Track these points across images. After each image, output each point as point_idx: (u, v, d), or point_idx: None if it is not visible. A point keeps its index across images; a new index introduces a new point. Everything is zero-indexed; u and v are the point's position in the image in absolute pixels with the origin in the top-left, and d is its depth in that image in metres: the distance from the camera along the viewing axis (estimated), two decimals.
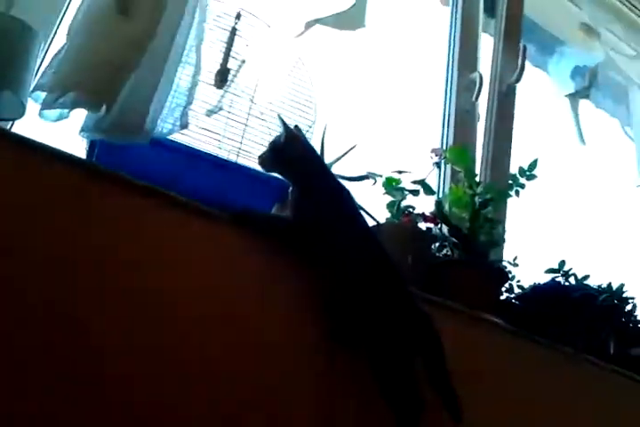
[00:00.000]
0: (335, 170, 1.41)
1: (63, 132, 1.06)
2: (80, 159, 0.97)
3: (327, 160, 1.42)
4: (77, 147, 1.09)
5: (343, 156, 1.45)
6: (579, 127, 2.20)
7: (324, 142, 1.44)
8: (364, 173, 1.47)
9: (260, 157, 1.19)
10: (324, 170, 1.19)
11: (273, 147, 1.17)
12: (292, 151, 1.14)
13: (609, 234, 2.17)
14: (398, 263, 1.11)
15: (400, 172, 1.51)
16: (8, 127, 1.13)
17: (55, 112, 1.01)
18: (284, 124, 1.17)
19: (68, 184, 0.94)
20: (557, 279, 1.57)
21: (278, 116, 1.21)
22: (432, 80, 2.00)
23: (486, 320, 1.36)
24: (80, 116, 1.05)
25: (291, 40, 1.55)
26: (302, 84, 1.42)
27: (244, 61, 1.39)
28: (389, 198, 1.48)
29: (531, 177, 1.55)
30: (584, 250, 1.93)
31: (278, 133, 1.20)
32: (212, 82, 1.32)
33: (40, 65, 1.15)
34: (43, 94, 1.00)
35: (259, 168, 1.22)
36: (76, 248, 0.92)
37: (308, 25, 1.76)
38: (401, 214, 1.46)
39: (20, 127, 1.07)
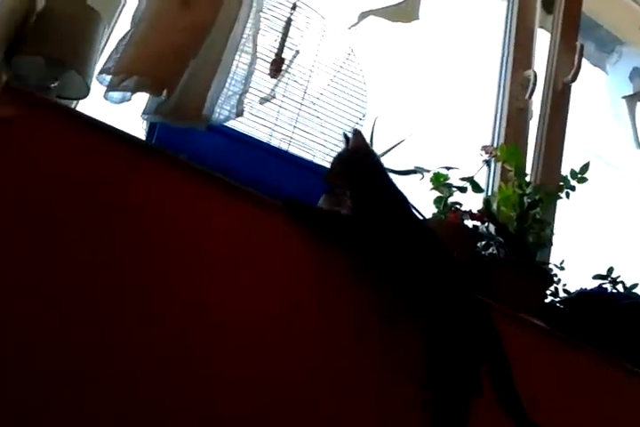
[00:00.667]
0: (384, 162, 1.41)
1: (125, 114, 1.09)
2: (139, 140, 1.00)
3: (377, 152, 1.42)
4: (137, 129, 1.12)
5: (392, 148, 1.44)
6: (635, 130, 2.13)
7: (373, 134, 1.44)
8: (412, 168, 1.46)
9: (330, 172, 1.13)
10: (391, 183, 1.14)
11: (346, 161, 1.12)
12: (366, 165, 1.11)
13: None
14: (462, 267, 1.09)
15: (448, 168, 1.49)
16: (73, 106, 1.16)
17: (119, 94, 1.04)
18: (361, 137, 1.14)
19: (126, 163, 0.97)
20: (604, 286, 1.54)
21: (355, 130, 1.17)
22: (486, 76, 1.96)
23: (528, 322, 1.34)
24: (142, 99, 1.07)
25: (344, 31, 1.54)
26: (354, 76, 1.41)
27: (298, 52, 1.40)
28: (436, 194, 1.47)
29: (582, 180, 1.52)
30: (634, 258, 1.88)
31: (345, 147, 1.16)
32: (267, 71, 1.33)
33: (103, 48, 1.18)
34: (108, 77, 1.03)
35: (308, 157, 1.22)
36: (128, 228, 0.95)
37: (362, 16, 1.74)
38: (447, 211, 1.45)
39: (85, 107, 1.11)
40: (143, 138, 1.10)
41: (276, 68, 1.34)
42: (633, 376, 1.45)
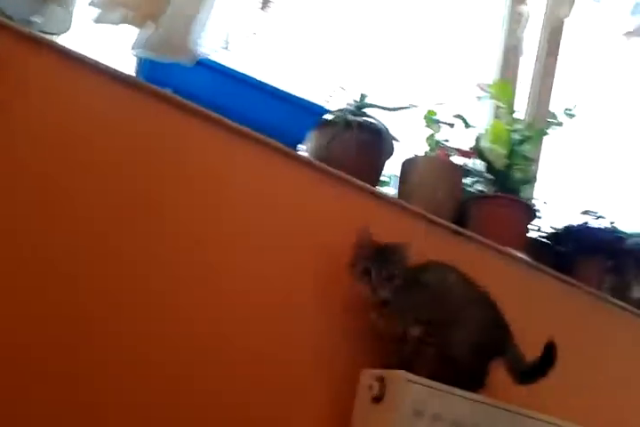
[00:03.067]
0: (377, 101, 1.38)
1: (116, 49, 1.08)
2: (124, 74, 0.99)
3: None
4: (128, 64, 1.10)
5: (400, 109, 1.40)
6: None
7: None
8: (405, 105, 1.44)
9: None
10: None
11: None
12: None
13: None
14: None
15: (440, 104, 1.49)
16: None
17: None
18: None
19: (111, 97, 0.97)
20: (589, 221, 1.58)
21: None
22: (481, 12, 1.91)
23: (512, 255, 1.38)
24: (132, 33, 1.06)
25: None
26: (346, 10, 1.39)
27: None
28: (430, 132, 1.47)
29: (571, 116, 1.53)
30: (618, 195, 1.90)
31: None
32: (256, 5, 1.31)
33: None
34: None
35: (297, 93, 1.21)
36: (120, 164, 0.97)
37: None
38: (436, 147, 1.45)
39: (66, 41, 1.09)
40: (133, 73, 1.09)
41: (265, 1, 1.32)
42: (613, 307, 1.51)
